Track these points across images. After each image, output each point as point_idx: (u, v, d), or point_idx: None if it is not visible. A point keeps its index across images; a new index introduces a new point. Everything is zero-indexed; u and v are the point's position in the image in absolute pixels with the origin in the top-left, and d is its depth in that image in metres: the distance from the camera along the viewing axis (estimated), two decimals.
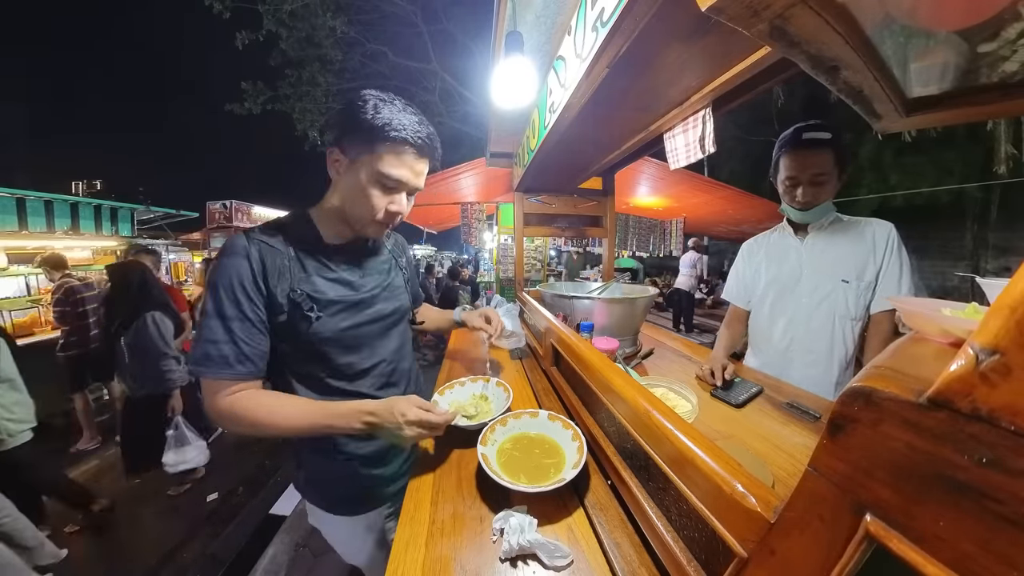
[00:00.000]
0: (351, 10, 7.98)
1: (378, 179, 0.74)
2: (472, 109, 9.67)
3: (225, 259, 0.73)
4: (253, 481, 2.67)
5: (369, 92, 0.73)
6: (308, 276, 0.78)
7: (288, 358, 0.81)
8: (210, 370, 0.70)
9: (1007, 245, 7.80)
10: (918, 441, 0.24)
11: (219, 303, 0.71)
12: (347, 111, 0.73)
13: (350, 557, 1.02)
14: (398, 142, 0.72)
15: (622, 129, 1.46)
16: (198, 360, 0.71)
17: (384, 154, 0.72)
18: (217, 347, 0.70)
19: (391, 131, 0.71)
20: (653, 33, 0.77)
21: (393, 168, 0.73)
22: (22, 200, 4.04)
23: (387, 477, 0.93)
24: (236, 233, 0.77)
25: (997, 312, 0.21)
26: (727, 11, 0.46)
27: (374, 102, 0.72)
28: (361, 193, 0.75)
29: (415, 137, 0.73)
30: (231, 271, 0.72)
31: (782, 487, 0.66)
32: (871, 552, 0.26)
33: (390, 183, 0.75)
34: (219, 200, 8.55)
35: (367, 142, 0.72)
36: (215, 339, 0.70)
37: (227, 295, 0.71)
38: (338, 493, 0.90)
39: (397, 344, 0.95)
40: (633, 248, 7.87)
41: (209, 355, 0.70)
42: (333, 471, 0.88)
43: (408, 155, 0.74)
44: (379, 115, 0.70)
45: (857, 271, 1.16)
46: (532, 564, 0.60)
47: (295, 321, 0.76)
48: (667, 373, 1.33)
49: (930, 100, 0.67)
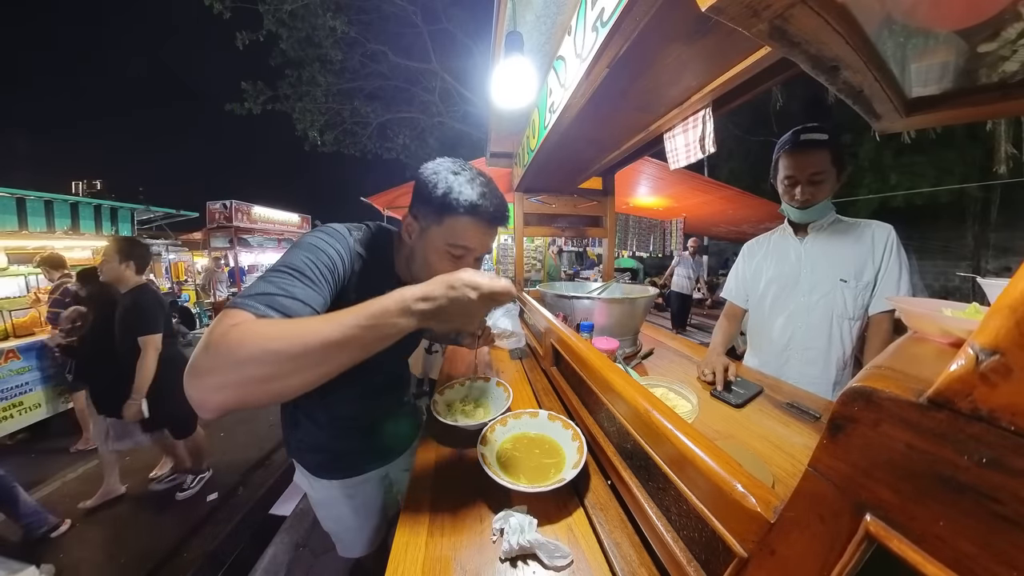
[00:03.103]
0: (351, 10, 7.98)
1: (448, 249, 0.75)
2: (472, 109, 9.67)
3: (327, 236, 0.74)
4: (253, 481, 2.68)
5: (440, 163, 0.75)
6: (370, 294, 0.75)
7: None
8: (241, 299, 0.56)
9: (1008, 245, 7.80)
10: (918, 441, 0.24)
11: (298, 261, 0.66)
12: (417, 183, 0.75)
13: (324, 522, 1.10)
14: (474, 213, 0.72)
15: (622, 129, 1.46)
16: (246, 294, 0.58)
17: (457, 224, 0.73)
18: (266, 285, 0.60)
19: (466, 202, 0.71)
20: (653, 33, 0.77)
21: (464, 240, 0.75)
22: (22, 200, 4.04)
23: (364, 450, 1.02)
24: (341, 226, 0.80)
25: (997, 312, 0.21)
26: (727, 11, 0.46)
27: (452, 175, 0.73)
28: (430, 262, 0.77)
29: (489, 213, 0.74)
30: (327, 246, 0.72)
31: (782, 487, 0.66)
32: (871, 552, 0.26)
33: (459, 251, 0.76)
34: (219, 200, 8.57)
35: (439, 209, 0.73)
36: (276, 285, 0.61)
37: (310, 261, 0.67)
38: (318, 457, 0.99)
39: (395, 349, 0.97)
40: (633, 248, 7.87)
41: (251, 291, 0.59)
42: (317, 436, 0.97)
43: (482, 226, 0.75)
44: (457, 190, 0.71)
45: (855, 271, 1.17)
46: (532, 564, 0.60)
47: None
48: (667, 373, 1.33)
49: (930, 100, 0.67)
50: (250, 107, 8.39)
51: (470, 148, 9.78)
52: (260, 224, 9.52)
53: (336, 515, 1.07)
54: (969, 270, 7.90)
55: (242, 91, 8.29)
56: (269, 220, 9.83)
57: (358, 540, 1.10)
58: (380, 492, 1.10)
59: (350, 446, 0.99)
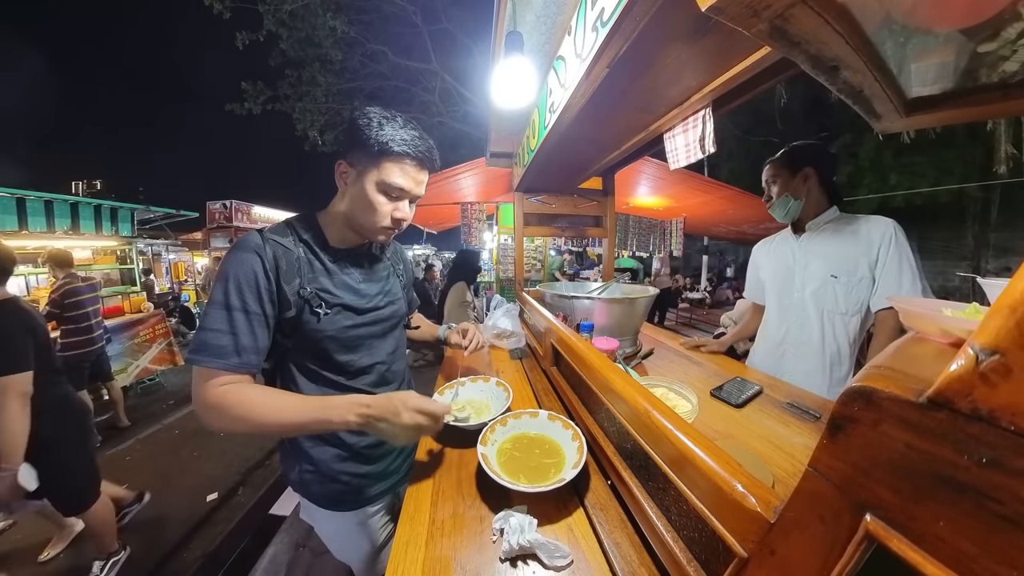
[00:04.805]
0: (351, 10, 7.98)
1: (383, 189, 0.80)
2: (472, 109, 9.66)
3: (240, 253, 0.76)
4: (253, 481, 2.68)
5: (372, 109, 0.79)
6: (315, 276, 0.83)
7: (291, 353, 0.85)
8: (205, 358, 0.70)
9: (1008, 245, 7.81)
10: (918, 441, 0.24)
11: (226, 294, 0.73)
12: (352, 128, 0.79)
13: (340, 554, 1.04)
14: (400, 155, 0.79)
15: (622, 129, 1.46)
16: (195, 348, 0.71)
17: (388, 166, 0.79)
18: (216, 336, 0.71)
19: (395, 145, 0.77)
20: (653, 33, 0.77)
21: (397, 178, 0.80)
22: (22, 200, 4.03)
23: (375, 475, 0.96)
24: (250, 232, 0.80)
25: (997, 312, 0.21)
26: (727, 11, 0.46)
27: (378, 119, 0.78)
28: (368, 202, 0.80)
29: (416, 150, 0.80)
30: (243, 265, 0.75)
31: (782, 487, 0.66)
32: (871, 552, 0.26)
33: (394, 192, 0.81)
34: (219, 200, 8.56)
35: (372, 156, 0.78)
36: (215, 328, 0.71)
37: (235, 287, 0.73)
38: (327, 489, 0.92)
39: (393, 346, 1.00)
40: (633, 248, 7.87)
41: (207, 343, 0.70)
42: (324, 467, 0.90)
43: (410, 166, 0.81)
44: (383, 131, 0.77)
45: (848, 267, 1.20)
46: (532, 564, 0.60)
47: (303, 317, 0.81)
48: (667, 373, 1.33)
49: (930, 100, 0.67)
50: (250, 107, 8.38)
51: (470, 148, 9.76)
52: (260, 224, 9.47)
53: (353, 546, 1.01)
54: (969, 270, 7.91)
55: (242, 91, 8.29)
56: (269, 220, 9.82)
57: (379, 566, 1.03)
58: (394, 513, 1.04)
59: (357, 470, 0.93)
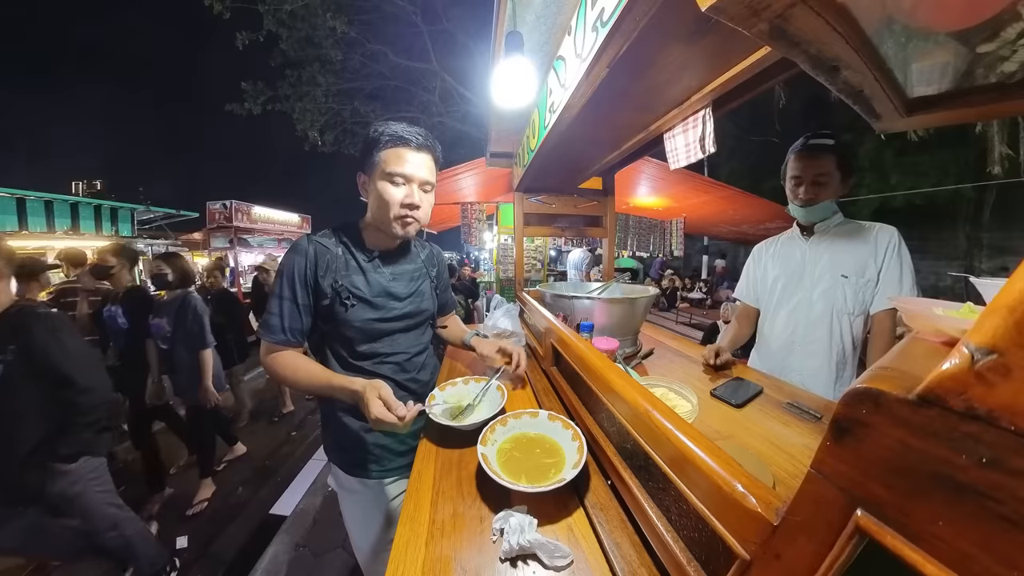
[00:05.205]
0: (351, 10, 7.97)
1: (387, 178, 0.90)
2: (472, 109, 9.66)
3: (290, 254, 0.96)
4: (253, 481, 2.68)
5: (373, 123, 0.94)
6: (348, 273, 0.98)
7: (327, 336, 1.02)
8: (264, 332, 0.95)
9: (1001, 245, 7.81)
10: (911, 438, 0.24)
11: (280, 286, 0.94)
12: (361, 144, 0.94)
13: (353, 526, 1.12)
14: (393, 142, 0.89)
15: (622, 129, 1.46)
16: (260, 324, 0.97)
17: (386, 156, 0.89)
18: (271, 317, 0.94)
19: (385, 136, 0.89)
20: (653, 33, 0.77)
21: (394, 164, 0.89)
22: (22, 200, 4.04)
23: (392, 448, 1.08)
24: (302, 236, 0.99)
25: (994, 312, 0.21)
26: (727, 11, 0.46)
27: (374, 128, 0.91)
28: (380, 196, 0.92)
29: (406, 133, 0.90)
30: (291, 264, 0.94)
31: (783, 487, 0.66)
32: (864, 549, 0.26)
33: (397, 177, 0.90)
34: (219, 200, 8.57)
35: (374, 155, 0.90)
36: (271, 311, 0.95)
37: (285, 281, 0.94)
38: (353, 456, 1.06)
39: (416, 341, 1.12)
40: (633, 248, 7.86)
41: (266, 322, 0.95)
42: (352, 435, 1.05)
43: (404, 150, 0.90)
44: (376, 132, 0.90)
45: (858, 268, 1.22)
46: (532, 564, 0.60)
47: (334, 307, 0.96)
48: (667, 373, 1.33)
49: (930, 100, 0.67)
50: (250, 107, 8.38)
51: (470, 148, 9.76)
52: (260, 224, 9.52)
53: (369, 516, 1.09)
54: (962, 270, 7.92)
55: (242, 91, 8.28)
56: (269, 220, 9.83)
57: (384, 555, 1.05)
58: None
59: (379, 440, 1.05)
